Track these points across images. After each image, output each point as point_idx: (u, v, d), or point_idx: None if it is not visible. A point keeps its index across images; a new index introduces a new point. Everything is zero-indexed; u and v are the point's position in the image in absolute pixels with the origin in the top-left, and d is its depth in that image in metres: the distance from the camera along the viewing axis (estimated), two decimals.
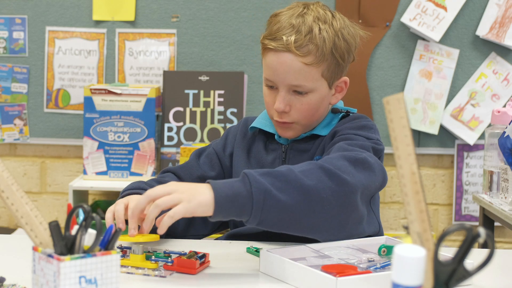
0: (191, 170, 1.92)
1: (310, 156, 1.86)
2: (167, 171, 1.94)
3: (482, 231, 1.04)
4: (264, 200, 1.50)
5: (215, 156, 1.94)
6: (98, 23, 3.35)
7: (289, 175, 1.55)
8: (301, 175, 1.55)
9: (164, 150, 3.25)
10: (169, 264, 1.56)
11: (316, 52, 1.77)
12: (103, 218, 1.68)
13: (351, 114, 1.90)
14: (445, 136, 3.36)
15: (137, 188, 1.81)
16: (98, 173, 3.16)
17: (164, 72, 3.26)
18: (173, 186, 1.51)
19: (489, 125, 2.99)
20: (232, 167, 1.94)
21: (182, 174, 1.90)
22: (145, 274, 1.54)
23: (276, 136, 1.89)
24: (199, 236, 1.89)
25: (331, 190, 1.56)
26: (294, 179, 1.54)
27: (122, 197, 1.75)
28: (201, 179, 1.88)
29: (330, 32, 1.79)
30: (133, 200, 1.63)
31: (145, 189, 1.74)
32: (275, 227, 1.56)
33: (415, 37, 3.31)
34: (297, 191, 1.53)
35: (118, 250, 1.49)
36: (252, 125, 1.93)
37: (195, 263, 1.54)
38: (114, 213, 1.65)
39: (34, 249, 1.19)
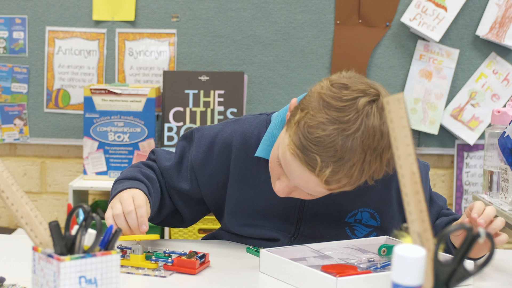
0: (169, 181, 1.78)
1: (337, 193, 1.58)
2: (154, 158, 1.83)
3: (482, 231, 1.04)
4: None
5: (192, 173, 1.76)
6: (98, 23, 3.35)
7: None
8: None
9: None
10: (169, 264, 1.56)
11: (347, 183, 1.49)
12: (103, 218, 1.68)
13: None
14: (445, 136, 3.36)
15: (132, 179, 1.73)
16: (98, 173, 3.15)
17: (164, 72, 3.26)
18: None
19: (489, 125, 2.99)
20: (211, 186, 1.74)
21: (164, 176, 1.80)
22: (145, 274, 1.54)
23: None
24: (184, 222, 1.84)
25: None
26: None
27: (118, 190, 1.71)
28: (175, 190, 1.78)
29: (374, 164, 1.47)
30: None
31: (138, 179, 1.72)
32: None
33: (415, 37, 3.31)
34: None
35: (118, 250, 1.49)
36: (259, 153, 1.69)
37: (195, 263, 1.54)
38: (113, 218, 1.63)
39: (34, 249, 1.19)
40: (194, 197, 1.79)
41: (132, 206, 1.62)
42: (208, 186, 1.76)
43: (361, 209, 1.71)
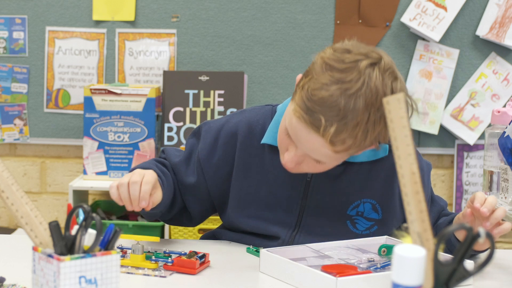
0: (178, 176, 1.80)
1: (340, 182, 1.68)
2: (164, 157, 1.85)
3: (482, 231, 1.04)
4: None
5: (199, 165, 1.76)
6: (98, 23, 3.35)
7: None
8: None
9: None
10: (169, 264, 1.56)
11: (352, 145, 1.50)
12: (103, 218, 1.69)
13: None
14: (445, 136, 3.36)
15: (147, 169, 1.73)
16: (98, 173, 3.15)
17: (164, 72, 3.26)
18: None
19: (489, 125, 2.99)
20: (217, 177, 1.75)
21: (175, 171, 1.81)
22: (145, 274, 1.54)
23: None
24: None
25: None
26: None
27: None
28: (183, 185, 1.80)
29: (379, 124, 1.48)
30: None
31: (154, 170, 1.71)
32: None
33: (415, 37, 3.31)
34: None
35: (118, 250, 1.49)
36: (265, 140, 1.71)
37: (195, 263, 1.54)
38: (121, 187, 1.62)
39: (34, 249, 1.19)
40: (202, 192, 1.78)
41: (139, 178, 1.61)
42: (214, 177, 1.76)
43: (364, 199, 1.71)
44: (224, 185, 1.77)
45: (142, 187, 1.60)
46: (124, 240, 1.70)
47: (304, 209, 1.73)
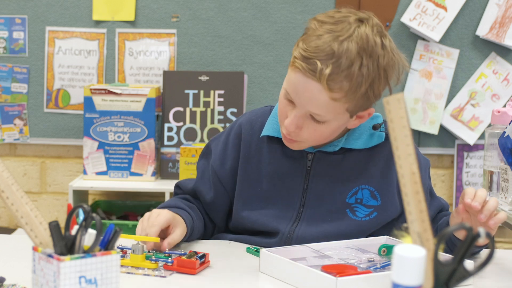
0: (200, 197, 1.86)
1: (339, 170, 1.73)
2: (183, 190, 1.90)
3: (482, 231, 1.04)
4: None
5: (215, 177, 1.81)
6: (98, 23, 3.35)
7: None
8: None
9: (164, 150, 3.25)
10: (169, 264, 1.56)
11: (348, 90, 1.57)
12: (103, 218, 1.70)
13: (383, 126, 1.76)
14: (445, 136, 3.36)
15: (173, 207, 1.79)
16: (98, 173, 3.15)
17: (164, 72, 3.26)
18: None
19: (489, 125, 2.99)
20: (234, 180, 1.80)
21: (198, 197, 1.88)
22: (145, 274, 1.53)
23: None
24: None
25: None
26: None
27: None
28: (205, 204, 1.86)
29: (372, 70, 1.57)
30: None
31: (181, 207, 1.79)
32: None
33: (415, 37, 3.31)
34: None
35: (118, 250, 1.50)
36: (264, 132, 1.77)
37: (195, 263, 1.54)
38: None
39: (34, 249, 1.19)
40: (223, 202, 1.83)
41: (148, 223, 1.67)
42: (231, 181, 1.81)
43: (362, 186, 1.74)
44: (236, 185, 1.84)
45: (149, 229, 1.65)
46: (124, 240, 1.70)
47: (305, 201, 1.75)
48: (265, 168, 1.76)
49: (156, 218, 1.66)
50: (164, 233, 1.68)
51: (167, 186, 3.11)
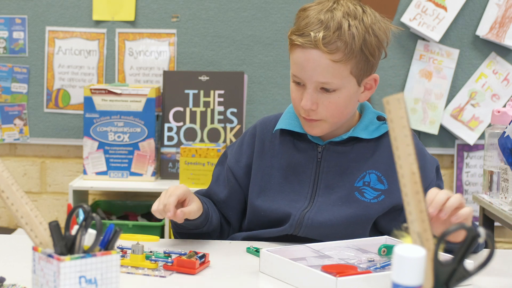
0: (214, 198, 1.92)
1: (348, 160, 1.82)
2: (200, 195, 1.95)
3: (482, 231, 1.04)
4: None
5: (230, 174, 1.89)
6: (98, 23, 3.35)
7: None
8: None
9: (164, 150, 3.25)
10: (169, 264, 1.56)
11: (345, 49, 1.72)
12: (103, 218, 1.70)
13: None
14: (445, 136, 3.36)
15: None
16: (98, 173, 3.15)
17: (164, 72, 3.26)
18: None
19: (489, 125, 2.99)
20: (249, 176, 1.87)
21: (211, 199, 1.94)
22: (145, 274, 1.54)
23: (309, 136, 1.84)
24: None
25: None
26: None
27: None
28: (220, 203, 1.91)
29: (360, 28, 1.73)
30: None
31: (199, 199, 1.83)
32: None
33: (415, 37, 3.31)
34: None
35: (118, 250, 1.50)
36: (278, 126, 1.87)
37: (195, 263, 1.54)
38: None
39: (34, 249, 1.19)
40: (238, 199, 1.90)
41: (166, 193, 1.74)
42: (246, 178, 1.88)
43: (369, 171, 1.81)
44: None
45: (167, 199, 1.71)
46: (124, 240, 1.70)
47: (316, 191, 1.81)
48: (278, 162, 1.85)
49: (174, 189, 1.73)
50: (181, 207, 1.74)
51: (167, 186, 3.07)
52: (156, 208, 1.71)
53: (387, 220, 1.79)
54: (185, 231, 1.83)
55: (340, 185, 1.80)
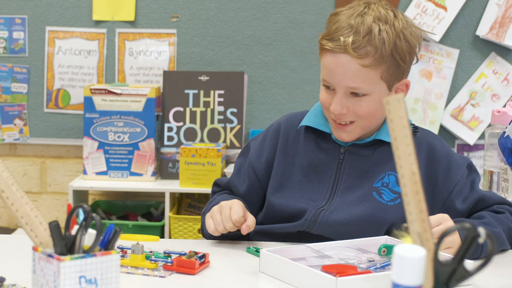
0: (234, 190, 1.93)
1: (370, 163, 1.81)
2: (220, 186, 1.98)
3: (482, 231, 1.04)
4: None
5: (250, 169, 1.90)
6: (98, 23, 3.35)
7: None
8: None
9: (164, 150, 3.25)
10: (168, 264, 1.56)
11: (375, 54, 1.71)
12: (103, 218, 1.70)
13: (417, 130, 1.85)
14: (445, 136, 3.35)
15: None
16: (98, 173, 3.15)
17: (164, 72, 3.26)
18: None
19: (489, 125, 2.99)
20: (269, 172, 1.88)
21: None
22: (144, 274, 1.54)
23: (333, 136, 1.83)
24: None
25: None
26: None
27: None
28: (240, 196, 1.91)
29: (391, 33, 1.73)
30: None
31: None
32: None
33: None
34: None
35: (118, 250, 1.50)
36: (303, 123, 1.87)
37: (195, 263, 1.54)
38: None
39: (34, 249, 1.19)
40: (256, 194, 1.90)
41: (228, 208, 1.74)
42: (266, 173, 1.88)
43: (389, 172, 1.81)
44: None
45: (224, 224, 1.72)
46: (124, 240, 1.70)
47: (335, 191, 1.81)
48: (300, 160, 1.85)
49: (229, 211, 1.72)
50: None
51: (167, 186, 3.11)
52: (222, 228, 1.72)
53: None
54: (224, 235, 1.82)
55: (360, 186, 1.80)
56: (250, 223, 1.72)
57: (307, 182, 1.83)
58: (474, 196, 1.83)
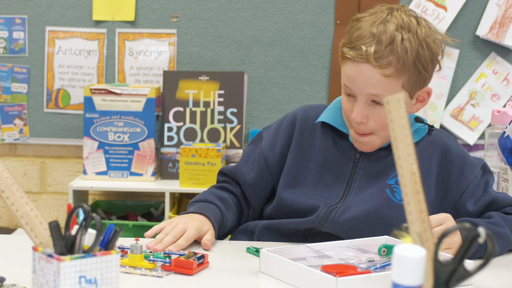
0: (240, 179, 1.91)
1: (385, 164, 1.81)
2: (226, 174, 1.95)
3: (482, 231, 1.04)
4: None
5: (262, 159, 1.88)
6: (98, 23, 3.35)
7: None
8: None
9: (164, 150, 3.25)
10: (167, 264, 1.56)
11: (397, 63, 1.69)
12: (103, 218, 1.69)
13: (433, 129, 1.84)
14: None
15: (203, 201, 1.86)
16: (98, 173, 3.15)
17: (164, 72, 3.26)
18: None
19: (489, 125, 2.99)
20: (282, 164, 1.86)
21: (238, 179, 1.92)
22: (142, 274, 1.53)
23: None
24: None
25: None
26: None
27: (187, 211, 1.83)
28: (244, 184, 1.90)
29: (414, 42, 1.70)
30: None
31: (210, 201, 1.84)
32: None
33: None
34: None
35: (118, 250, 1.49)
36: (321, 119, 1.86)
37: (193, 264, 1.54)
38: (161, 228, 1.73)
39: (34, 249, 1.19)
40: (265, 184, 1.88)
41: (178, 234, 1.70)
42: (279, 165, 1.87)
43: None
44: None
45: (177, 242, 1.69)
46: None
47: (349, 191, 1.80)
48: (315, 156, 1.84)
49: (180, 232, 1.70)
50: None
51: (167, 186, 3.11)
52: (160, 239, 1.69)
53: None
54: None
55: (373, 186, 1.80)
56: (209, 238, 1.72)
57: (321, 179, 1.82)
58: (487, 198, 1.82)
